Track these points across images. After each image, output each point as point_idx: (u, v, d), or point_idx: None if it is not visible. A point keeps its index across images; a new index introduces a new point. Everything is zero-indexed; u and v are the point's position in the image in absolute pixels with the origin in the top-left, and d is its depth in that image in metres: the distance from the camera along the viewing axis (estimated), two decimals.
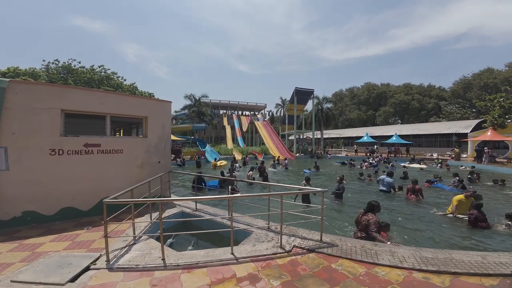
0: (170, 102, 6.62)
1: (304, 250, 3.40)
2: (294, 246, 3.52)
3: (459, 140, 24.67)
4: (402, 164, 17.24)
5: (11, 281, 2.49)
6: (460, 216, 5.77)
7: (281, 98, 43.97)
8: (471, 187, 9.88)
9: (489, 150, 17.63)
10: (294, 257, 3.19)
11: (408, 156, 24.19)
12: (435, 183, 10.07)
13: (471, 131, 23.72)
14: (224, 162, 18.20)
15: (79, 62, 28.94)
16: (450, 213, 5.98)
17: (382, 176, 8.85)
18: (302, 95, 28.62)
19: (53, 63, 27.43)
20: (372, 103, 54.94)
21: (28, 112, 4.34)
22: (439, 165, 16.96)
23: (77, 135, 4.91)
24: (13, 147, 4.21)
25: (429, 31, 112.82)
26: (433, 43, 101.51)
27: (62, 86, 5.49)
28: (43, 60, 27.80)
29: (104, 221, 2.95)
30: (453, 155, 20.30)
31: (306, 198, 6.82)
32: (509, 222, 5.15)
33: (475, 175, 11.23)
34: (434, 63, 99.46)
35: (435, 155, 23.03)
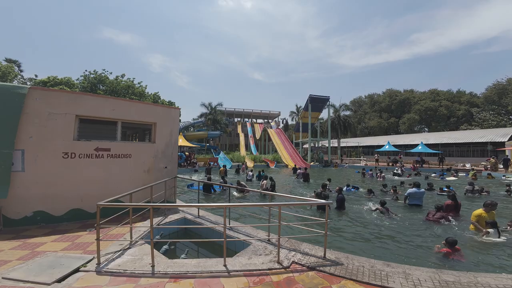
0: (179, 108, 6.76)
1: (304, 267, 3.08)
2: (293, 262, 3.21)
3: (495, 149, 22.19)
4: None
5: (2, 278, 2.55)
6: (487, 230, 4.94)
7: (296, 105, 43.59)
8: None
9: None
10: (291, 275, 2.89)
11: (441, 167, 21.58)
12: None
13: (508, 140, 21.25)
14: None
15: (111, 73, 31.36)
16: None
17: (413, 190, 7.69)
18: (317, 102, 28.06)
19: (91, 73, 29.93)
20: (394, 110, 52.07)
21: (45, 117, 4.64)
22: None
23: (89, 140, 5.14)
24: (29, 150, 4.49)
25: (456, 35, 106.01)
26: (462, 47, 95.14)
27: (77, 93, 5.86)
28: (85, 70, 30.43)
29: (97, 224, 2.94)
30: (489, 166, 18.20)
31: (321, 207, 6.42)
32: None
33: None
34: (462, 68, 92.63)
35: (468, 166, 20.86)
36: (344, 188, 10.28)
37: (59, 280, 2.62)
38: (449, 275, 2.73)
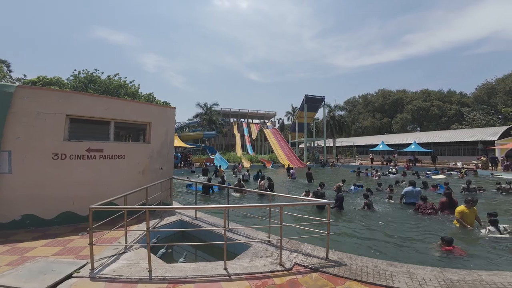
0: (174, 108, 6.60)
1: (307, 269, 3.01)
2: (295, 263, 3.14)
3: (486, 148, 22.80)
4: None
5: None
6: (470, 227, 5.31)
7: (291, 105, 43.78)
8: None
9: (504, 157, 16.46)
10: (294, 277, 2.82)
11: (435, 165, 21.69)
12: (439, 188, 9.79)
13: (498, 139, 21.88)
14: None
15: (102, 73, 30.61)
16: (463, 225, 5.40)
17: (409, 188, 7.80)
18: (312, 102, 28.17)
19: (80, 72, 29.11)
20: (388, 110, 52.92)
21: (33, 116, 4.43)
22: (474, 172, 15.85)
23: (81, 140, 4.94)
24: (17, 151, 4.27)
25: (448, 36, 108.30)
26: (453, 48, 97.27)
27: (67, 91, 5.63)
28: (74, 70, 29.65)
29: (89, 227, 2.79)
30: (480, 164, 18.67)
31: (321, 206, 6.41)
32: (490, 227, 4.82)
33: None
34: (454, 69, 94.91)
35: (459, 164, 21.35)
36: (352, 187, 10.43)
37: (51, 287, 2.47)
38: (454, 273, 2.72)
